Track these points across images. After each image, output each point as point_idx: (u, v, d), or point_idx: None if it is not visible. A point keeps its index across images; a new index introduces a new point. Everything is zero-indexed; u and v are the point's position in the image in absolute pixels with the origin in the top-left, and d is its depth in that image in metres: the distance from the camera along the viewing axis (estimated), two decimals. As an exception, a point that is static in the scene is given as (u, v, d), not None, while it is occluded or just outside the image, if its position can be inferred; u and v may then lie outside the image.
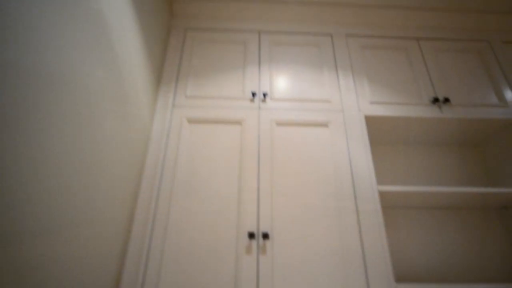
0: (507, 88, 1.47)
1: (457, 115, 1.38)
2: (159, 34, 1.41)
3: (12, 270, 0.57)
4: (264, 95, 1.36)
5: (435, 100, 1.39)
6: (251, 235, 1.07)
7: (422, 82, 1.46)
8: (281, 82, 1.43)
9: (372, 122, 1.42)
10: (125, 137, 1.06)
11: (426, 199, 1.35)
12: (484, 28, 1.65)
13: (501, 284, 1.09)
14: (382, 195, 1.29)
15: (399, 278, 1.34)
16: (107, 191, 0.94)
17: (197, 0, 1.60)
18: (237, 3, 1.61)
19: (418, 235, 1.44)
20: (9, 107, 0.55)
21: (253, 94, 1.36)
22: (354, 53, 1.53)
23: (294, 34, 1.58)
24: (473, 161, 1.63)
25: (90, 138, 0.83)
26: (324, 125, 1.32)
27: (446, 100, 1.39)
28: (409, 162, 1.61)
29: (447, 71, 1.51)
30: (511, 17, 1.66)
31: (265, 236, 1.07)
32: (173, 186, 1.16)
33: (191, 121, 1.31)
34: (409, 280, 1.34)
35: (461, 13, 1.65)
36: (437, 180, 1.57)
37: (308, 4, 1.62)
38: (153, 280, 1.01)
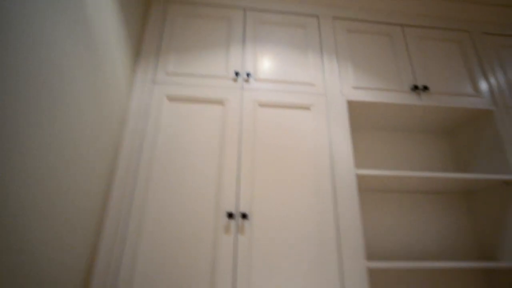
0: (482, 78, 1.52)
1: (435, 103, 1.42)
2: (138, 4, 1.33)
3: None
4: (248, 75, 1.33)
5: (415, 88, 1.42)
6: (230, 215, 1.07)
7: (404, 69, 1.48)
8: (265, 63, 1.40)
9: (353, 107, 1.44)
10: (99, 110, 1.01)
11: (400, 183, 1.41)
12: (466, 18, 1.67)
13: (465, 261, 1.17)
14: (359, 178, 1.32)
15: (370, 257, 1.41)
16: (80, 167, 0.90)
17: (180, -30, 1.51)
18: (223, -24, 1.53)
19: (391, 217, 1.51)
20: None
21: (237, 74, 1.33)
22: (340, 36, 1.51)
23: (280, 14, 1.54)
24: (446, 148, 1.70)
25: (60, 106, 0.79)
26: (307, 108, 1.32)
27: (425, 88, 1.42)
28: (387, 147, 1.66)
29: (428, 59, 1.53)
30: (493, 9, 1.69)
31: (244, 216, 1.08)
32: (152, 164, 1.14)
33: (171, 99, 1.27)
34: (380, 259, 1.41)
35: (446, 1, 1.66)
36: (412, 165, 1.63)
37: (296, -18, 1.57)
38: (130, 258, 1.00)
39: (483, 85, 1.50)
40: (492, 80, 1.52)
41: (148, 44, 1.37)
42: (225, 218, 1.09)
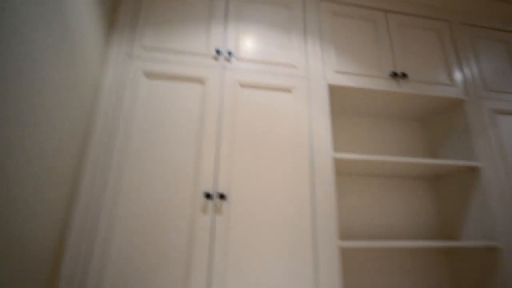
0: (457, 68, 1.57)
1: (412, 91, 1.46)
2: (113, -30, 1.24)
3: None
4: (229, 54, 1.29)
5: (394, 75, 1.45)
6: (208, 196, 1.07)
7: (385, 55, 1.49)
8: (248, 42, 1.36)
9: (334, 91, 1.44)
10: (70, 83, 0.95)
11: (376, 167, 1.46)
12: (447, 7, 1.70)
13: (430, 241, 1.25)
14: (337, 162, 1.35)
15: (343, 236, 1.48)
16: (48, 144, 0.85)
17: None
18: None
19: (365, 200, 1.57)
20: None
21: (218, 52, 1.29)
22: (324, 19, 1.49)
23: (265, -9, 1.48)
24: (421, 135, 1.77)
25: (22, 73, 0.73)
26: (288, 90, 1.31)
27: (404, 75, 1.45)
28: (365, 132, 1.70)
29: (408, 46, 1.55)
30: None
31: (222, 197, 1.08)
32: (127, 143, 1.10)
33: (149, 75, 1.22)
34: (353, 238, 1.48)
35: (429, -11, 1.67)
36: (389, 151, 1.69)
37: (282, -42, 1.51)
38: (104, 237, 0.98)
39: (458, 75, 1.55)
40: (466, 70, 1.57)
41: (124, 15, 1.28)
42: (202, 199, 1.08)
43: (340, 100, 1.54)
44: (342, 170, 1.51)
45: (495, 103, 1.54)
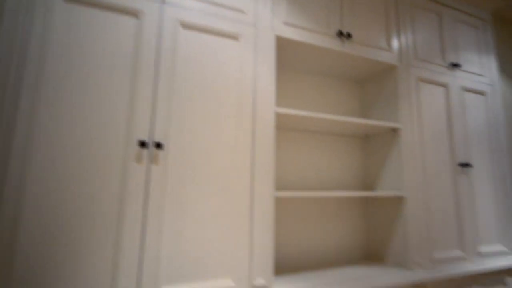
0: (395, 35, 1.65)
1: (355, 52, 1.50)
2: None
3: None
4: (170, -14, 1.13)
5: (340, 33, 1.46)
6: (142, 144, 1.00)
7: (334, 12, 1.48)
8: (193, -25, 1.20)
9: (281, 44, 1.41)
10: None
11: (313, 124, 1.53)
12: (395, -29, 1.73)
13: (353, 191, 1.41)
14: (278, 117, 1.37)
15: (279, 188, 1.57)
16: None
17: None
18: None
19: (302, 154, 1.66)
20: None
21: (156, -19, 1.11)
22: (277, -38, 1.39)
23: None
24: (358, 96, 1.89)
25: None
26: (235, 38, 1.23)
27: (349, 35, 1.48)
28: (307, 89, 1.74)
29: (356, 6, 1.56)
30: (417, -33, 1.78)
31: (159, 146, 1.02)
32: (40, 83, 0.93)
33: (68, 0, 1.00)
34: (287, 189, 1.58)
35: None
36: (328, 109, 1.78)
37: None
38: (25, 187, 0.86)
39: (395, 41, 1.65)
40: (403, 37, 1.67)
41: None
42: (136, 147, 1.00)
43: (285, 54, 1.52)
44: (281, 125, 1.55)
45: (420, 72, 1.69)
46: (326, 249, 1.62)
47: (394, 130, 1.61)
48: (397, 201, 1.56)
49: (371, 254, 1.70)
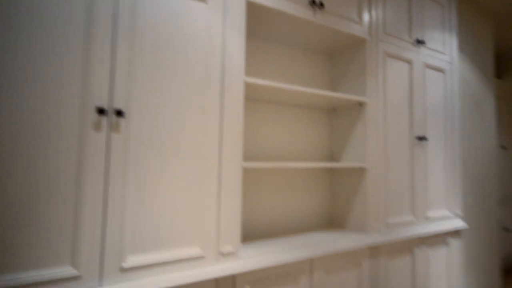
0: (366, 8, 1.65)
1: (326, 23, 1.48)
2: None
3: None
4: None
5: (313, 2, 1.42)
6: (101, 111, 0.93)
7: (307, -21, 1.43)
8: None
9: (251, 9, 1.34)
10: None
11: (282, 96, 1.52)
12: None
13: (318, 162, 1.46)
14: (247, 86, 1.34)
15: (247, 158, 1.57)
16: None
17: None
18: None
19: (270, 126, 1.66)
20: None
21: None
22: None
23: None
24: (327, 69, 1.89)
25: None
26: (202, -1, 1.15)
27: (322, 4, 1.44)
28: (276, 59, 1.71)
29: (330, -26, 1.52)
30: None
31: (120, 113, 0.96)
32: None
33: None
34: (255, 160, 1.59)
35: None
36: (297, 80, 1.77)
37: None
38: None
39: (366, 15, 1.64)
40: (373, 11, 1.67)
41: None
42: (94, 114, 0.93)
43: (255, 22, 1.46)
44: (249, 96, 1.52)
45: (388, 47, 1.73)
46: (293, 218, 1.70)
47: (361, 104, 1.66)
48: (360, 172, 1.65)
49: (334, 221, 1.81)
